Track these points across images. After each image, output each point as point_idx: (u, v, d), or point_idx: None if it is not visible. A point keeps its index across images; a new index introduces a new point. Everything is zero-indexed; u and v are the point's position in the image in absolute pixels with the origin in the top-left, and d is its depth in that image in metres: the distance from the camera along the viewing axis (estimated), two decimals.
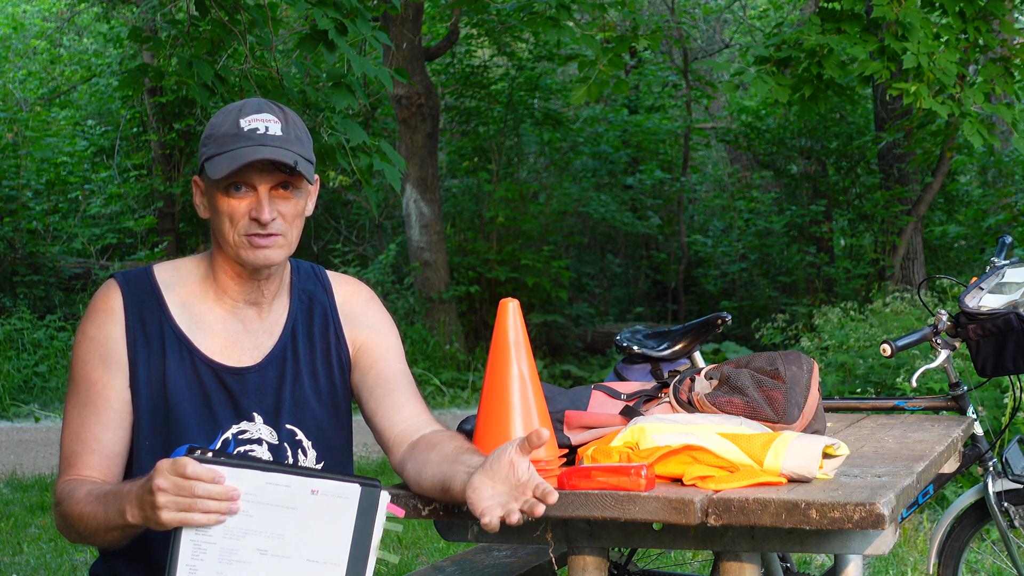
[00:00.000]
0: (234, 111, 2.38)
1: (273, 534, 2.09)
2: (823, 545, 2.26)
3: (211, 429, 2.39)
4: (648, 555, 4.25)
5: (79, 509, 2.26)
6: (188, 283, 2.46)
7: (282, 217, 2.36)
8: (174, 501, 2.05)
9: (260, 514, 2.09)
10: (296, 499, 2.09)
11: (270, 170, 2.34)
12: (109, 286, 2.44)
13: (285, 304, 2.51)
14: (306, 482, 2.09)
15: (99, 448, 2.35)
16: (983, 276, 3.77)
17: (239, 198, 2.34)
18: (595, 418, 2.60)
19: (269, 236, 2.35)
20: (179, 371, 2.39)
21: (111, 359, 2.38)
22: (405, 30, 12.29)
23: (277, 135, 2.35)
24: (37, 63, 17.10)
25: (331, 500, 2.09)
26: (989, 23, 8.78)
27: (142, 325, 2.40)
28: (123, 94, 14.48)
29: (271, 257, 2.37)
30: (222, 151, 2.33)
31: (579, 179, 15.72)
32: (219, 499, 2.05)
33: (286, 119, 2.39)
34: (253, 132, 2.34)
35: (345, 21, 4.98)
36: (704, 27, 17.55)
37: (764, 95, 13.17)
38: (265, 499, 2.08)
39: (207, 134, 2.39)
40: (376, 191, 5.60)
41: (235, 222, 2.35)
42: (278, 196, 2.36)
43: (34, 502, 6.99)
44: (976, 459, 3.75)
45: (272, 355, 2.46)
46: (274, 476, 2.09)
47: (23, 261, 13.29)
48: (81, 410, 2.37)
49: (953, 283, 8.45)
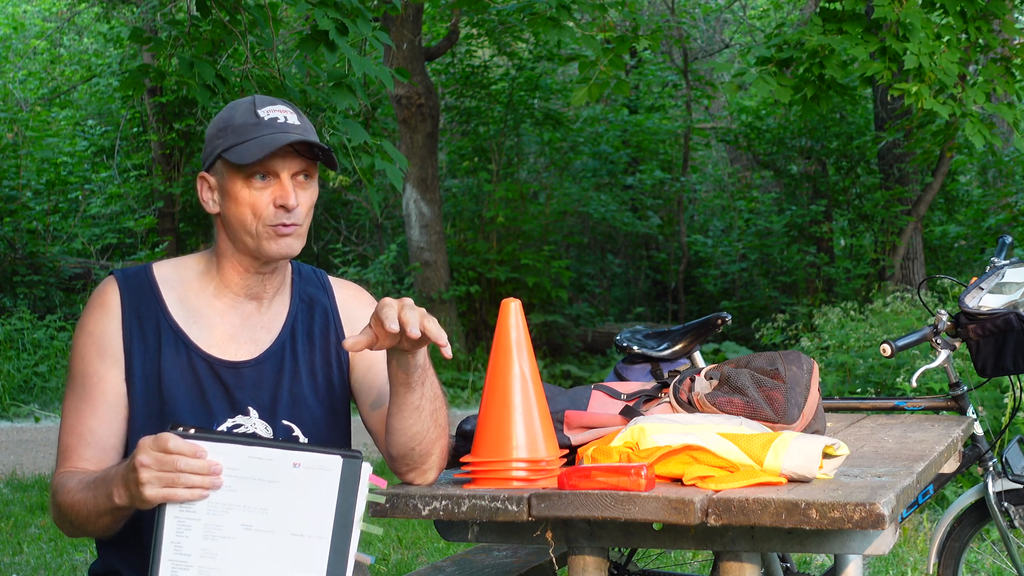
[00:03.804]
0: (246, 103, 2.41)
1: (257, 508, 2.10)
2: (823, 545, 2.26)
3: (206, 422, 2.40)
4: (648, 555, 4.25)
5: (70, 498, 2.28)
6: (187, 279, 2.47)
7: (302, 206, 2.39)
8: (157, 476, 2.06)
9: (243, 488, 2.09)
10: (278, 472, 2.10)
11: (292, 156, 2.37)
12: (107, 283, 2.46)
13: (286, 302, 2.52)
14: (288, 455, 2.10)
15: (94, 441, 2.37)
16: (983, 276, 3.77)
17: (262, 187, 2.37)
18: (595, 418, 2.60)
19: (292, 225, 2.37)
20: (175, 365, 2.41)
21: (107, 353, 2.40)
22: (405, 30, 12.30)
23: (296, 124, 2.39)
24: (37, 63, 17.10)
25: (313, 472, 2.10)
26: (990, 23, 8.78)
27: (139, 320, 2.41)
28: (123, 94, 14.48)
29: (293, 246, 2.40)
30: (244, 140, 2.35)
31: (579, 179, 15.72)
32: (202, 473, 2.07)
33: (297, 112, 2.43)
34: (274, 121, 2.37)
35: (346, 21, 4.98)
36: (704, 27, 17.55)
37: (765, 96, 13.17)
38: (248, 473, 2.09)
39: (220, 127, 2.40)
40: (377, 191, 5.60)
41: (259, 212, 2.37)
42: (298, 185, 2.39)
43: (34, 502, 6.99)
44: (976, 459, 3.75)
45: (270, 351, 2.47)
46: (256, 450, 2.10)
47: (23, 261, 13.30)
48: (77, 404, 2.39)
49: (953, 283, 8.45)
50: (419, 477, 2.44)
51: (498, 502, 2.27)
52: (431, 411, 2.37)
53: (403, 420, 2.37)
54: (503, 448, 2.36)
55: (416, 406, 2.35)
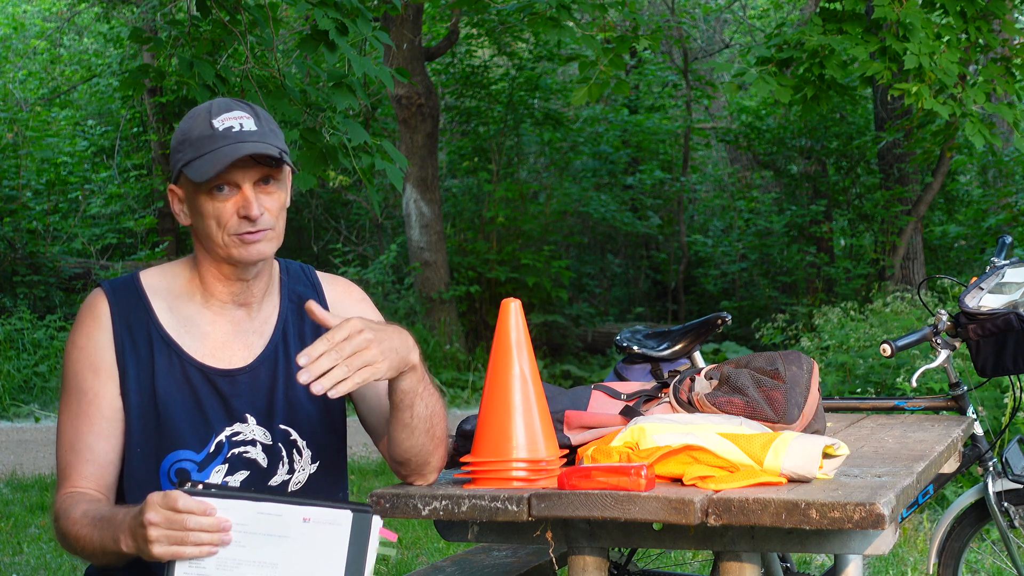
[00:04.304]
0: (203, 113, 2.37)
1: (267, 563, 2.09)
2: (823, 545, 2.26)
3: (203, 432, 2.39)
4: (648, 555, 4.25)
5: (76, 531, 2.26)
6: (175, 287, 2.45)
7: (268, 211, 2.35)
8: (166, 535, 2.05)
9: (253, 544, 2.08)
10: (288, 528, 2.09)
11: (252, 166, 2.33)
12: (95, 295, 2.43)
13: (275, 304, 2.50)
14: (297, 510, 2.09)
15: (93, 458, 2.36)
16: (983, 276, 3.77)
17: (224, 199, 2.33)
18: (595, 418, 2.60)
19: (259, 232, 2.34)
20: (168, 376, 2.39)
21: (101, 368, 2.38)
22: (405, 30, 12.30)
23: (253, 130, 2.34)
24: (37, 63, 17.10)
25: (323, 527, 2.09)
26: (990, 23, 8.78)
27: (129, 332, 2.39)
28: (123, 94, 14.48)
29: (264, 251, 2.36)
30: (200, 154, 2.31)
31: (579, 179, 15.72)
32: (211, 531, 2.06)
33: (256, 114, 2.38)
34: (229, 131, 2.32)
35: (346, 21, 4.98)
36: (704, 27, 17.55)
37: (765, 96, 13.17)
38: (257, 529, 2.08)
39: (179, 140, 2.37)
40: (377, 191, 5.60)
41: (223, 223, 2.34)
42: (262, 191, 2.35)
43: (34, 502, 6.99)
44: (976, 459, 3.75)
45: (263, 356, 2.45)
46: (265, 506, 2.09)
47: (23, 261, 13.29)
48: (74, 420, 2.37)
49: (953, 283, 8.45)
50: (419, 479, 2.44)
51: (498, 502, 2.27)
52: (424, 430, 2.36)
53: (397, 433, 2.37)
54: (503, 448, 2.36)
55: (406, 424, 2.35)
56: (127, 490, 2.38)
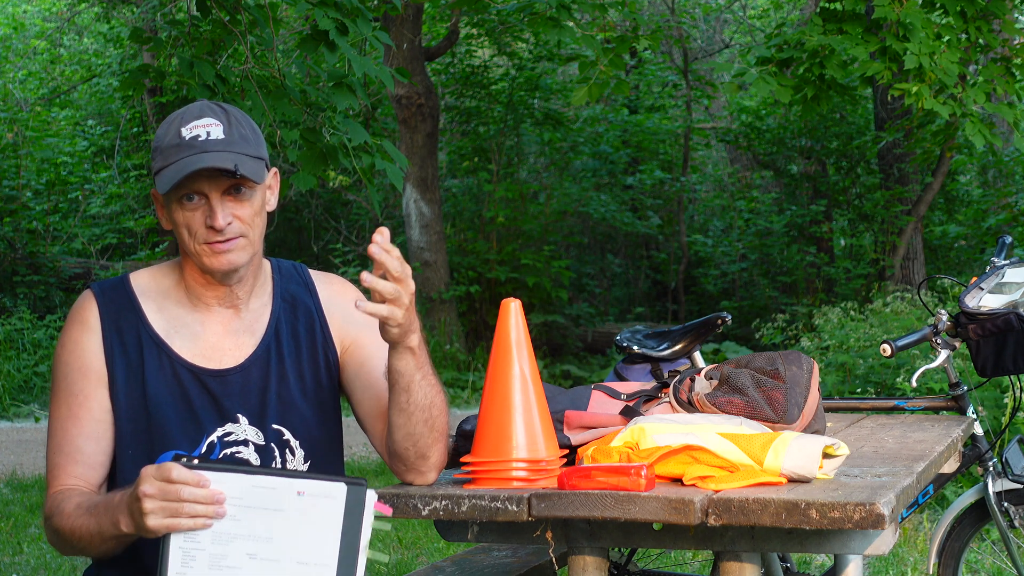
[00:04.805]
0: (176, 120, 2.35)
1: (261, 537, 2.08)
2: (823, 545, 2.26)
3: (195, 433, 2.38)
4: (648, 555, 4.25)
5: (70, 524, 2.26)
6: (165, 288, 2.45)
7: (239, 220, 2.34)
8: (161, 506, 2.05)
9: (247, 518, 2.08)
10: (282, 501, 2.09)
11: (216, 176, 2.31)
12: (85, 297, 2.43)
13: (267, 304, 2.49)
14: (292, 483, 2.09)
15: (82, 459, 2.36)
16: (983, 276, 3.77)
17: (192, 208, 2.32)
18: (595, 418, 2.60)
19: (228, 241, 2.33)
20: (159, 377, 2.39)
21: (90, 371, 2.38)
22: (405, 30, 12.30)
23: (219, 139, 2.31)
24: (37, 63, 17.11)
25: (317, 501, 2.09)
26: (990, 23, 8.78)
27: (119, 334, 2.39)
28: (123, 94, 14.48)
29: (234, 260, 2.35)
30: (167, 163, 2.31)
31: (579, 179, 15.72)
32: (205, 503, 2.06)
33: (228, 120, 2.35)
34: (195, 140, 2.31)
35: (346, 21, 4.98)
36: (704, 27, 17.55)
37: (765, 96, 13.17)
38: (251, 502, 2.08)
39: (154, 146, 2.36)
40: (377, 191, 5.60)
41: (193, 232, 2.33)
42: (232, 200, 2.33)
43: (34, 502, 6.99)
44: (976, 459, 3.75)
45: (255, 356, 2.45)
46: (259, 479, 2.09)
47: (23, 261, 13.29)
48: (63, 423, 2.37)
49: (953, 283, 8.45)
50: (418, 478, 2.43)
51: (498, 502, 2.27)
52: (423, 419, 2.35)
53: (395, 417, 2.36)
54: (503, 448, 2.36)
55: (403, 408, 2.34)
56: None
